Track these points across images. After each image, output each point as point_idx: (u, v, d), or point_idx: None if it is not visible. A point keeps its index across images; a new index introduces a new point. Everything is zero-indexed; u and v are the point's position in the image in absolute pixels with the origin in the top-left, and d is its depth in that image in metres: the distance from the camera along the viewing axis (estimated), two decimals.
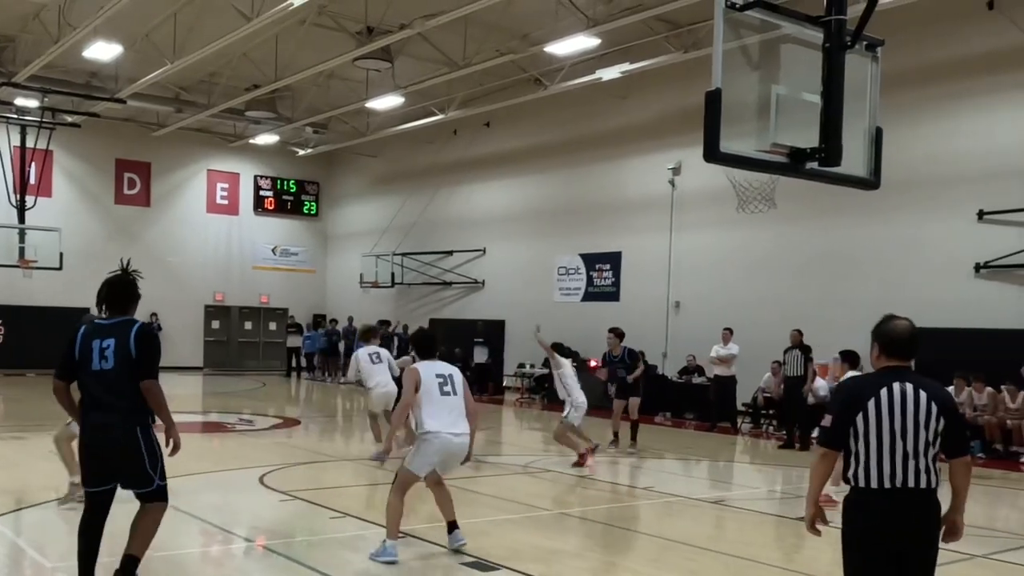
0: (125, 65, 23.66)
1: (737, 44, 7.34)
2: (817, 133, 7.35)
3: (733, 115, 7.02)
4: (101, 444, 6.05)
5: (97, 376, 6.03)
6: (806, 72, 7.44)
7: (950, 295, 17.05)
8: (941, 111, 17.67)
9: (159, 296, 31.28)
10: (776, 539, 9.35)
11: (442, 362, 8.11)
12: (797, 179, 7.91)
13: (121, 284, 6.38)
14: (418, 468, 7.79)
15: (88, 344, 6.08)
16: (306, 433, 17.49)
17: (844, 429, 4.55)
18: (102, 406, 6.03)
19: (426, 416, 7.67)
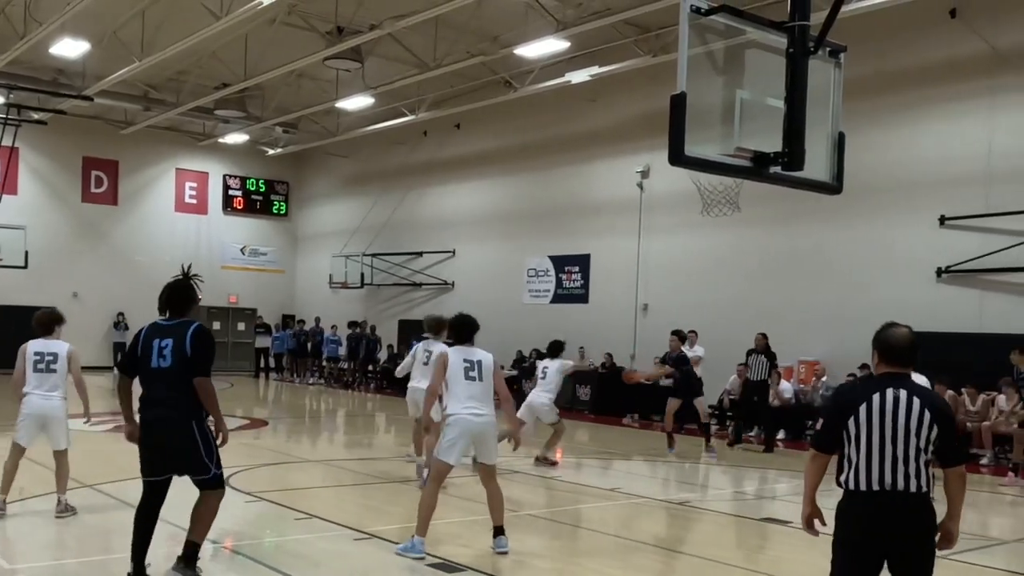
0: (92, 62, 23.47)
1: (703, 49, 7.41)
2: (781, 138, 7.44)
3: (698, 119, 7.08)
4: (160, 437, 6.47)
5: (156, 373, 6.42)
6: (770, 77, 7.51)
7: (912, 299, 17.25)
8: (904, 118, 17.89)
9: (126, 295, 31.12)
10: (741, 540, 9.43)
11: (477, 349, 8.24)
12: (762, 183, 7.97)
13: (180, 288, 6.79)
14: (446, 455, 7.88)
15: (149, 343, 6.47)
16: (274, 434, 17.42)
17: (836, 432, 4.62)
18: (161, 402, 6.42)
19: (449, 399, 7.94)
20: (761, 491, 13.24)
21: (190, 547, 6.62)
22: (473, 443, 8.03)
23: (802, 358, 18.81)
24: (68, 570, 7.35)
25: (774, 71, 7.48)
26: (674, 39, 18.52)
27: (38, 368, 8.77)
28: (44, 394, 8.77)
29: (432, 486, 7.93)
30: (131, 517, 6.71)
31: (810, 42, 7.42)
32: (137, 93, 26.74)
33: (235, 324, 34.36)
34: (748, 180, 8.28)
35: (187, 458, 6.45)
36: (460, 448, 7.94)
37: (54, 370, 8.80)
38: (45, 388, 8.77)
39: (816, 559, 8.58)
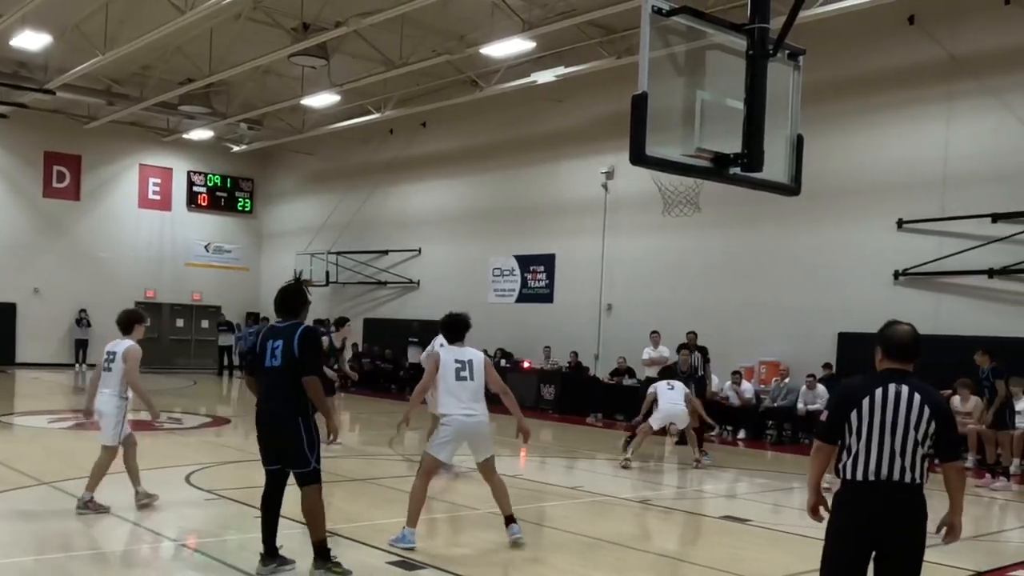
0: (55, 55, 23.23)
1: (665, 51, 7.49)
2: (740, 139, 7.53)
3: (660, 120, 7.15)
4: (271, 430, 7.06)
5: (269, 372, 7.02)
6: (731, 79, 7.60)
7: (871, 300, 17.49)
8: (863, 122, 18.12)
9: (88, 292, 30.84)
10: (701, 537, 9.53)
11: (468, 348, 8.43)
12: (723, 184, 8.06)
13: (292, 292, 7.27)
14: (437, 451, 8.16)
15: (264, 344, 7.08)
16: (236, 432, 17.31)
17: (838, 424, 4.80)
18: (272, 398, 7.03)
19: (441, 400, 8.19)
20: (721, 490, 13.36)
21: (318, 546, 7.09)
22: (467, 442, 8.26)
23: (763, 358, 19.00)
24: (26, 568, 7.29)
25: (735, 73, 7.57)
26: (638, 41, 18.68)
27: (103, 367, 9.31)
28: (100, 391, 9.25)
29: (423, 480, 8.15)
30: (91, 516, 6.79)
31: (769, 45, 7.53)
32: (100, 87, 26.46)
33: (199, 321, 34.11)
34: (709, 181, 8.37)
35: (290, 451, 6.97)
36: (452, 447, 8.21)
37: (110, 369, 9.21)
38: (102, 386, 9.23)
39: (773, 556, 8.73)
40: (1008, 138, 16.32)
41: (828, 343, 17.94)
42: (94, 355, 30.88)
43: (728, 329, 19.57)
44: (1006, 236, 16.15)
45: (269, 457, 7.15)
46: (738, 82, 7.57)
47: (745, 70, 7.53)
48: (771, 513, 11.24)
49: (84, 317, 30.71)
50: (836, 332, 17.83)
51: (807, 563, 8.55)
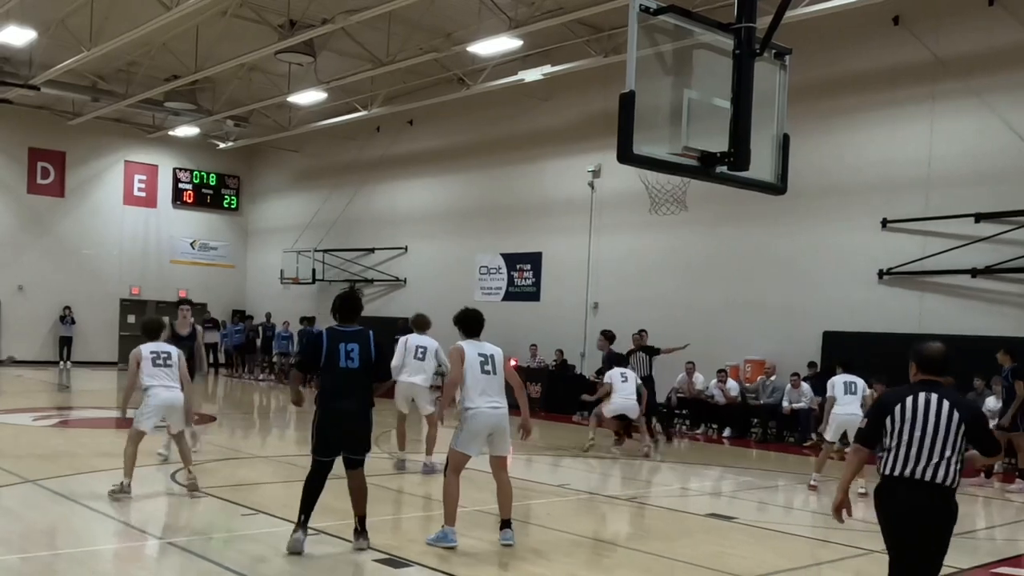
0: (39, 51, 23.08)
1: (652, 49, 7.51)
2: (727, 138, 7.56)
3: (647, 118, 7.18)
4: (347, 424, 7.79)
5: (345, 373, 7.71)
6: (718, 78, 7.63)
7: (855, 299, 17.61)
8: (848, 122, 18.21)
9: (73, 289, 30.73)
10: (687, 535, 9.54)
11: (487, 343, 8.57)
12: (709, 183, 8.10)
13: (354, 298, 8.06)
14: (464, 446, 8.25)
15: (335, 347, 7.71)
16: (221, 429, 17.27)
17: (877, 429, 5.43)
18: (349, 395, 7.74)
19: (467, 393, 8.23)
20: (707, 488, 13.40)
21: (361, 520, 7.93)
22: (489, 435, 8.31)
23: (748, 357, 19.07)
24: (11, 566, 7.26)
25: (721, 72, 7.60)
26: (625, 40, 18.70)
27: (156, 364, 9.96)
28: (167, 386, 9.95)
29: (454, 476, 8.25)
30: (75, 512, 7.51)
31: (756, 44, 7.57)
32: (85, 83, 26.33)
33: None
34: (695, 179, 8.39)
35: (364, 440, 7.91)
36: (480, 440, 8.29)
37: (171, 365, 10.07)
38: (167, 381, 9.98)
39: (759, 553, 8.77)
40: (991, 139, 16.41)
41: (813, 342, 18.02)
42: (78, 352, 30.78)
43: (714, 327, 19.64)
44: (989, 236, 16.27)
45: (334, 448, 7.79)
46: (725, 81, 7.60)
47: (732, 69, 7.58)
48: (756, 511, 11.29)
49: (68, 314, 30.58)
50: (821, 331, 17.92)
51: (792, 560, 8.63)
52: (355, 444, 7.88)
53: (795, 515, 11.55)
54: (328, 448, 7.78)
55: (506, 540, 8.35)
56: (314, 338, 7.98)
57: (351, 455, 7.87)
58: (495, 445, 8.42)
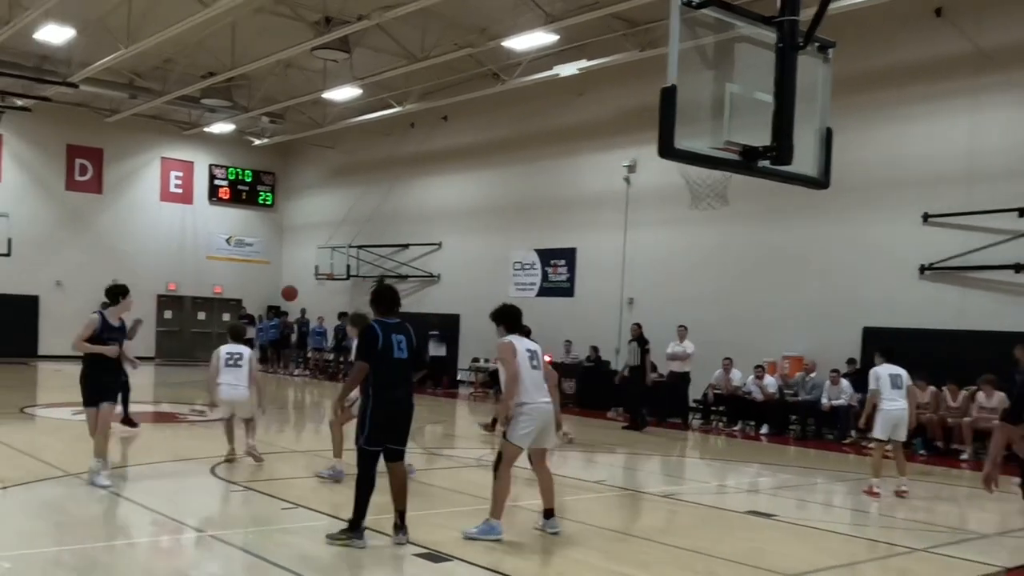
0: (78, 49, 23.30)
1: (693, 43, 7.45)
2: (769, 132, 7.49)
3: (688, 112, 7.12)
4: (401, 413, 7.93)
5: (398, 363, 7.85)
6: (760, 72, 7.56)
7: (895, 295, 17.41)
8: (889, 116, 17.97)
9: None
10: (726, 532, 9.47)
11: (526, 338, 8.63)
12: (749, 178, 8.03)
13: (394, 292, 8.25)
14: (519, 440, 8.28)
15: (389, 338, 7.84)
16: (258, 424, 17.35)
17: (1018, 408, 6.03)
18: (402, 385, 7.91)
19: (522, 389, 8.23)
20: (744, 485, 13.30)
21: (401, 515, 7.94)
22: (541, 429, 8.38)
23: (786, 353, 18.90)
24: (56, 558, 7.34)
25: (763, 66, 7.53)
26: (663, 34, 18.64)
27: (228, 364, 11.59)
28: (233, 384, 11.54)
29: (507, 470, 8.29)
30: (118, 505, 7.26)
31: (799, 37, 7.48)
32: (123, 81, 26.57)
33: (220, 314, 34.24)
34: (736, 174, 8.32)
35: (407, 431, 8.07)
36: (533, 435, 8.35)
37: (240, 366, 11.59)
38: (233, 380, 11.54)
39: (799, 551, 8.69)
40: None
41: (852, 338, 17.83)
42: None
43: (751, 323, 19.50)
44: None
45: (385, 438, 7.83)
46: (767, 75, 7.53)
47: (775, 63, 7.50)
48: (796, 508, 11.20)
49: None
50: (861, 327, 17.72)
51: (833, 558, 8.54)
52: (402, 434, 7.99)
53: (835, 513, 11.44)
54: (380, 438, 7.80)
55: (553, 528, 8.44)
56: (371, 331, 7.93)
57: (396, 446, 7.91)
58: (542, 438, 8.48)
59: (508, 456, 8.30)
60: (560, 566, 7.72)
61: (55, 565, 7.19)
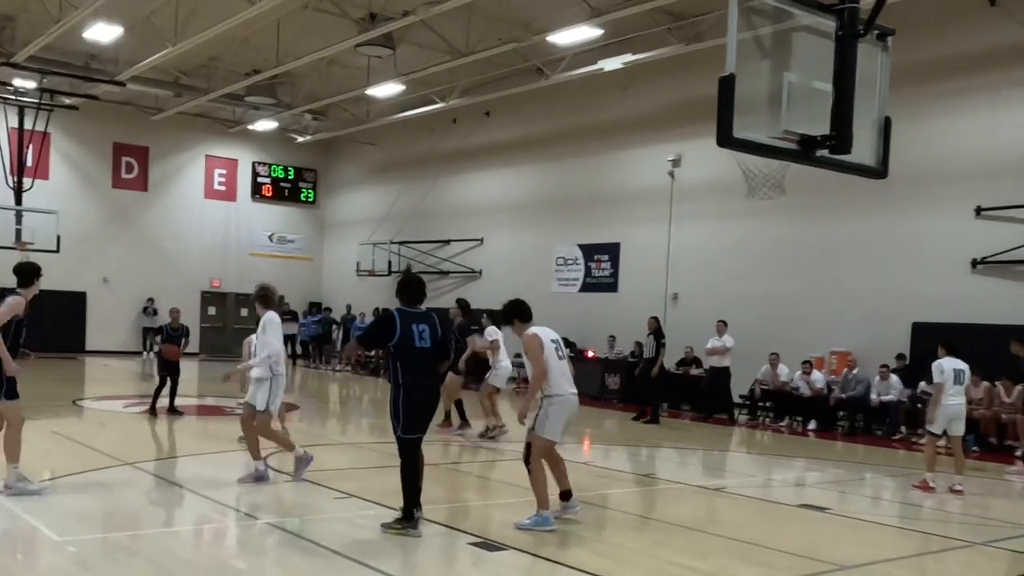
0: (125, 47, 23.61)
1: (750, 32, 7.40)
2: (827, 121, 7.43)
3: (745, 102, 7.08)
4: (430, 400, 8.05)
5: (420, 352, 7.89)
6: (818, 61, 7.51)
7: (946, 290, 17.15)
8: (941, 107, 17.71)
9: (156, 281, 31.39)
10: (778, 524, 9.41)
11: (547, 328, 8.58)
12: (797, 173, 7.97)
13: (420, 282, 8.27)
14: (552, 432, 8.26)
15: (408, 327, 7.86)
16: (304, 417, 17.50)
17: None
18: (429, 374, 8.03)
19: (552, 380, 8.22)
20: (792, 479, 13.20)
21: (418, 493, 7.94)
22: (569, 421, 8.44)
23: (833, 348, 18.71)
24: (121, 544, 7.44)
25: (822, 55, 7.49)
26: (709, 27, 18.58)
27: None
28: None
29: (539, 462, 8.29)
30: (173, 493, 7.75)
31: (859, 25, 7.42)
32: (168, 79, 26.86)
33: None
34: (794, 163, 8.26)
35: (433, 416, 8.14)
36: (564, 426, 8.35)
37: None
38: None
39: (855, 544, 8.61)
40: None
41: (902, 333, 17.61)
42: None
43: (798, 318, 19.33)
44: None
45: (422, 425, 7.95)
46: (825, 63, 7.49)
47: (833, 51, 7.45)
48: (848, 502, 11.09)
49: (151, 306, 31.22)
50: (910, 322, 17.51)
51: (891, 551, 8.46)
52: (430, 420, 8.11)
53: (888, 507, 11.32)
54: (417, 425, 7.89)
55: (573, 509, 8.50)
56: (389, 320, 7.90)
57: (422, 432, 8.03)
58: (568, 429, 8.54)
59: (539, 450, 8.28)
60: (616, 555, 7.70)
61: (116, 549, 7.32)
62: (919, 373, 16.35)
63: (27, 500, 8.51)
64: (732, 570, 7.37)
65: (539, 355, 8.20)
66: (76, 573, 6.64)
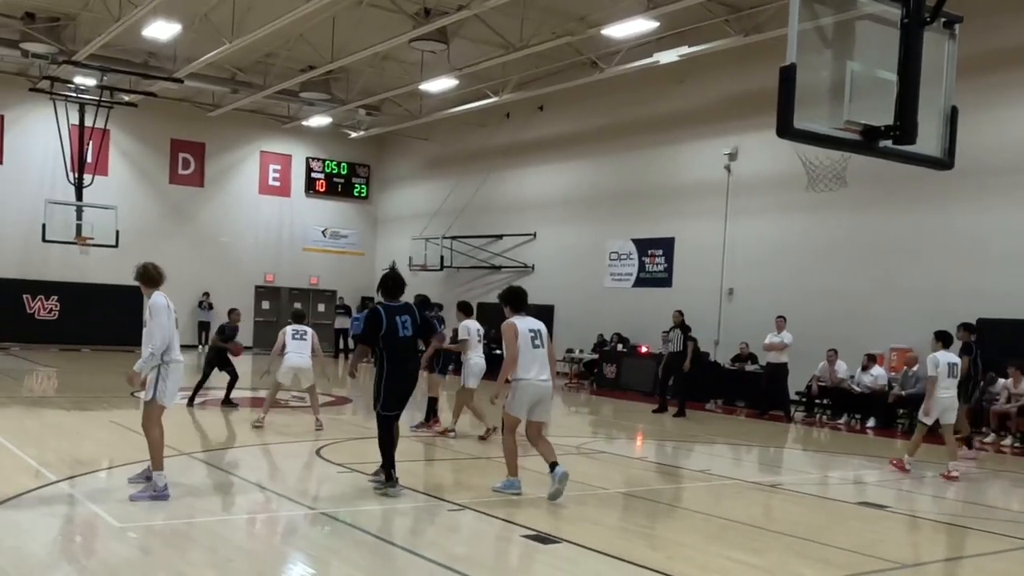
0: (183, 45, 23.93)
1: (812, 22, 7.27)
2: (891, 111, 7.27)
3: (806, 92, 6.96)
4: (410, 384, 9.18)
5: (404, 341, 9.02)
6: (881, 49, 7.36)
7: (1013, 285, 16.74)
8: (1010, 97, 17.29)
9: (211, 276, 31.77)
10: (836, 522, 9.26)
11: (531, 318, 9.32)
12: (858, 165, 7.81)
13: (400, 278, 9.42)
14: (516, 410, 9.10)
15: (393, 319, 8.96)
16: (356, 411, 17.60)
17: None
18: (412, 359, 9.26)
19: (520, 366, 8.99)
20: (850, 477, 12.99)
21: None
22: (536, 403, 9.12)
23: (894, 345, 18.38)
24: (180, 530, 7.52)
25: (886, 43, 7.34)
26: (767, 19, 18.36)
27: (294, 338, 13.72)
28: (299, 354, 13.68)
29: (510, 435, 9.22)
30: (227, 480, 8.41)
31: (926, 12, 7.25)
32: (225, 75, 27.20)
33: (315, 305, 34.81)
34: (856, 154, 8.12)
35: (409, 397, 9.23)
36: (528, 406, 9.10)
37: (305, 339, 13.78)
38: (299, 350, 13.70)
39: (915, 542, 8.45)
40: None
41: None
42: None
43: (857, 314, 19.03)
44: None
45: (400, 403, 9.08)
46: (890, 52, 7.33)
47: (898, 39, 7.29)
48: (908, 501, 10.90)
49: (206, 300, 31.61)
50: (975, 318, 17.10)
51: (950, 550, 8.30)
52: (406, 401, 9.20)
53: (949, 505, 11.08)
54: (396, 403, 9.03)
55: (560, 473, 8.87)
56: (375, 315, 8.99)
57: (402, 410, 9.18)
58: (537, 413, 9.19)
59: (509, 424, 9.22)
60: (669, 549, 7.63)
61: (174, 534, 7.40)
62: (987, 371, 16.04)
63: (90, 489, 8.63)
64: (789, 566, 7.26)
65: (512, 342, 9.01)
66: (137, 558, 6.72)
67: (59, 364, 24.41)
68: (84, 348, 28.08)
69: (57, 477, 9.18)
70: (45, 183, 29.13)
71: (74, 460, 10.39)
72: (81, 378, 21.37)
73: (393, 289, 9.30)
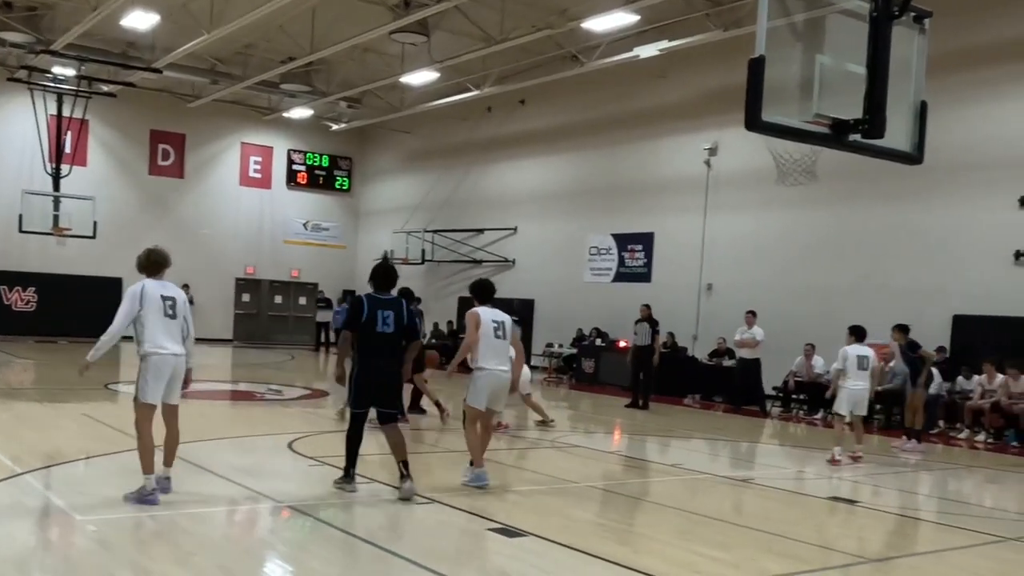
0: (162, 35, 23.76)
1: (783, 16, 7.27)
2: (860, 105, 7.27)
3: (776, 86, 6.97)
4: (383, 381, 8.55)
5: (382, 336, 8.47)
6: (851, 43, 7.36)
7: (988, 282, 16.83)
8: (984, 94, 17.37)
9: (191, 268, 31.40)
10: (806, 517, 9.26)
11: (497, 309, 9.45)
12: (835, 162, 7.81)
13: (391, 269, 8.89)
14: (476, 401, 9.20)
15: (374, 312, 8.47)
16: (333, 404, 17.51)
17: None
18: (385, 356, 8.53)
19: (480, 355, 9.10)
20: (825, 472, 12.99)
21: (404, 464, 8.51)
22: (493, 393, 9.23)
23: (871, 341, 18.38)
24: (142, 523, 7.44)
25: (856, 37, 7.35)
26: (747, 13, 18.33)
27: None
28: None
29: (472, 426, 9.35)
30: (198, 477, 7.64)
31: (895, 6, 7.24)
32: (205, 66, 27.03)
33: (296, 298, 34.69)
34: (826, 149, 8.10)
35: (395, 396, 8.80)
36: (488, 395, 9.19)
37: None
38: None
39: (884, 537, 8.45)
40: None
41: (942, 326, 17.30)
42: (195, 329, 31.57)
43: (834, 309, 19.01)
44: None
45: (369, 400, 8.57)
46: (859, 47, 7.34)
47: (868, 34, 7.28)
48: (879, 495, 10.91)
49: (187, 293, 31.40)
50: (951, 314, 17.20)
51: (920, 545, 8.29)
52: (386, 398, 8.64)
53: (920, 500, 11.12)
54: (364, 400, 8.58)
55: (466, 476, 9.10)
56: (358, 303, 8.62)
57: (383, 408, 8.63)
58: (494, 402, 9.35)
59: (470, 417, 9.33)
60: (637, 543, 7.60)
61: (137, 528, 7.31)
62: (961, 367, 16.09)
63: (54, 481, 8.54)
64: (757, 561, 7.23)
65: (472, 330, 9.13)
66: (97, 552, 6.64)
67: (35, 356, 24.23)
68: (61, 340, 27.86)
69: (22, 469, 9.07)
70: (23, 173, 28.88)
71: (41, 452, 10.28)
72: (55, 371, 21.19)
73: (383, 280, 8.76)
